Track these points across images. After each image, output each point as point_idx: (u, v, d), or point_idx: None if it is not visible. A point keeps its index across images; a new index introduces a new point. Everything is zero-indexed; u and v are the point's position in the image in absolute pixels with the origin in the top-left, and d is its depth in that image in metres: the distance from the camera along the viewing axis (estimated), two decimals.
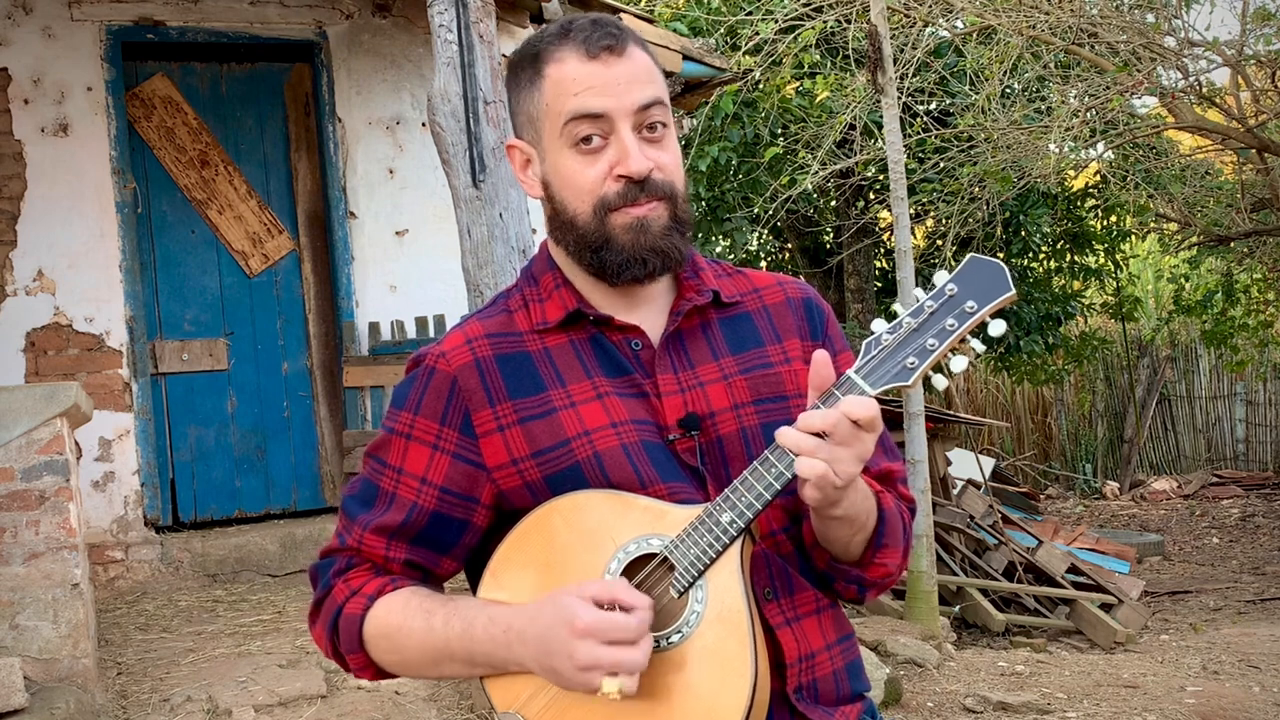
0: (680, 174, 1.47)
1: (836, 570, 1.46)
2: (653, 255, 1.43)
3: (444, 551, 1.47)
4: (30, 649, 3.68)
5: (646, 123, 1.43)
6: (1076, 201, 11.00)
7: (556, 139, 1.44)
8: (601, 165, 1.42)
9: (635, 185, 1.42)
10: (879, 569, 1.46)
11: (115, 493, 5.64)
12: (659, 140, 1.44)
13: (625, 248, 1.43)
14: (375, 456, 1.49)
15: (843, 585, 1.48)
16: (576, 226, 1.45)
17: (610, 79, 1.41)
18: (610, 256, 1.43)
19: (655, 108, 1.43)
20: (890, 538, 1.46)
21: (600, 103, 1.41)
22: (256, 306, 6.20)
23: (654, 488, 1.39)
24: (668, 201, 1.44)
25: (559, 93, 1.43)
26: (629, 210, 1.42)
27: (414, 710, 3.77)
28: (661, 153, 1.44)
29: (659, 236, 1.43)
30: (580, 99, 1.41)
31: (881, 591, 1.51)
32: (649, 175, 1.42)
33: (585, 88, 1.41)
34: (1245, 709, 4.28)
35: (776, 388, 1.48)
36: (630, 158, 1.41)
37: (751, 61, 7.49)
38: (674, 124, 1.50)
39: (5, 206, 5.56)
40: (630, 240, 1.42)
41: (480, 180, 3.81)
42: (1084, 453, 13.14)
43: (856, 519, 1.39)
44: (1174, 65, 7.53)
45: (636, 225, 1.42)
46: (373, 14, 6.27)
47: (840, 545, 1.43)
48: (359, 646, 1.44)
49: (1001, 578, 6.70)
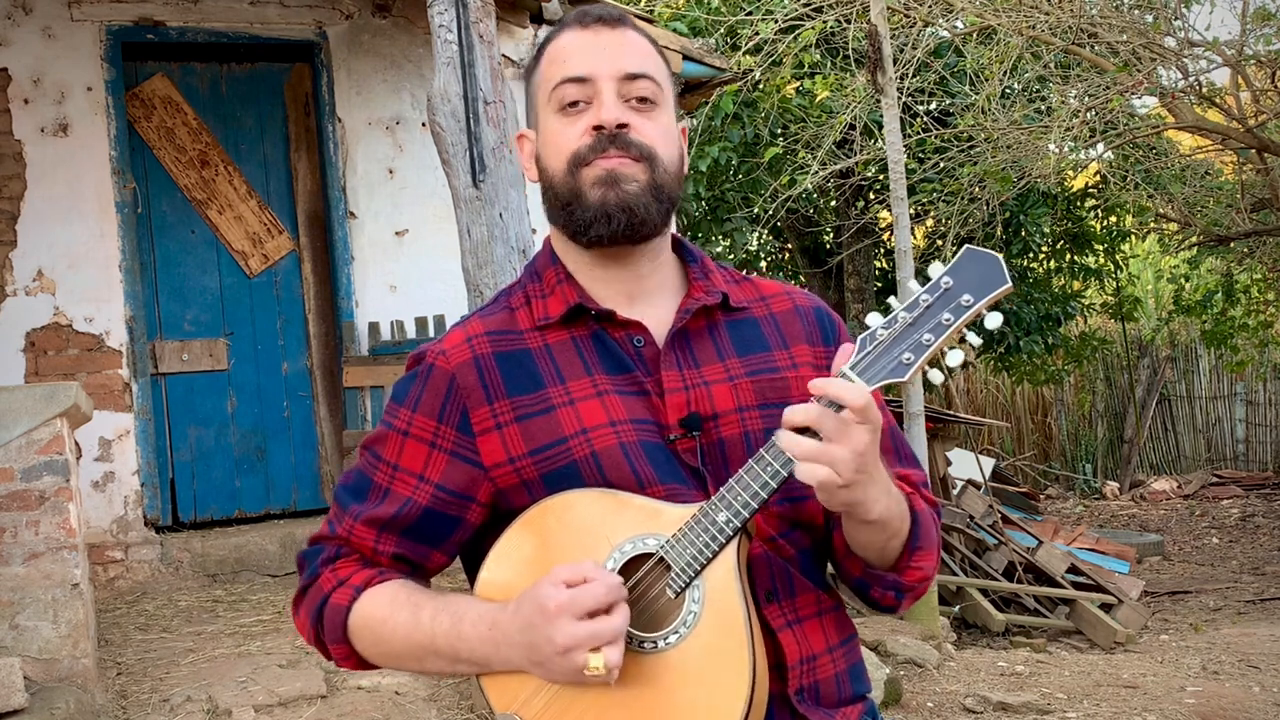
0: (668, 148, 1.44)
1: (873, 577, 1.45)
2: (619, 211, 1.40)
3: (434, 547, 1.47)
4: (30, 649, 3.68)
5: (636, 95, 1.42)
6: (1076, 201, 11.00)
7: (546, 105, 1.45)
8: (581, 124, 1.42)
9: (606, 137, 1.40)
10: (915, 572, 1.44)
11: (115, 493, 5.64)
12: (646, 111, 1.43)
13: (593, 202, 1.41)
14: (371, 450, 1.48)
15: (879, 592, 1.46)
16: (553, 186, 1.45)
17: (598, 45, 1.43)
18: (580, 212, 1.42)
19: (644, 81, 1.43)
20: (925, 540, 1.44)
21: (585, 65, 1.42)
22: (256, 306, 6.20)
23: (652, 488, 1.38)
24: (645, 163, 1.41)
25: (550, 62, 1.45)
26: (599, 162, 1.41)
27: (414, 710, 3.77)
28: (645, 121, 1.42)
29: (630, 194, 1.40)
30: (566, 65, 1.43)
31: (918, 597, 1.48)
32: (621, 131, 1.40)
33: (572, 54, 1.43)
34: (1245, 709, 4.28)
35: (783, 392, 1.46)
36: (603, 108, 1.40)
37: (751, 61, 7.49)
38: (672, 115, 1.47)
39: (5, 206, 5.56)
40: (599, 195, 1.40)
41: (480, 180, 3.81)
42: (1084, 453, 13.14)
43: (890, 523, 1.37)
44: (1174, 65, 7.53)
45: (605, 177, 1.40)
46: (373, 14, 6.27)
47: (875, 551, 1.41)
48: (343, 637, 1.44)
49: (1001, 578, 6.70)
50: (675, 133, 1.47)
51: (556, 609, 1.26)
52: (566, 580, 1.28)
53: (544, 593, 1.28)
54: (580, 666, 1.26)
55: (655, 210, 1.42)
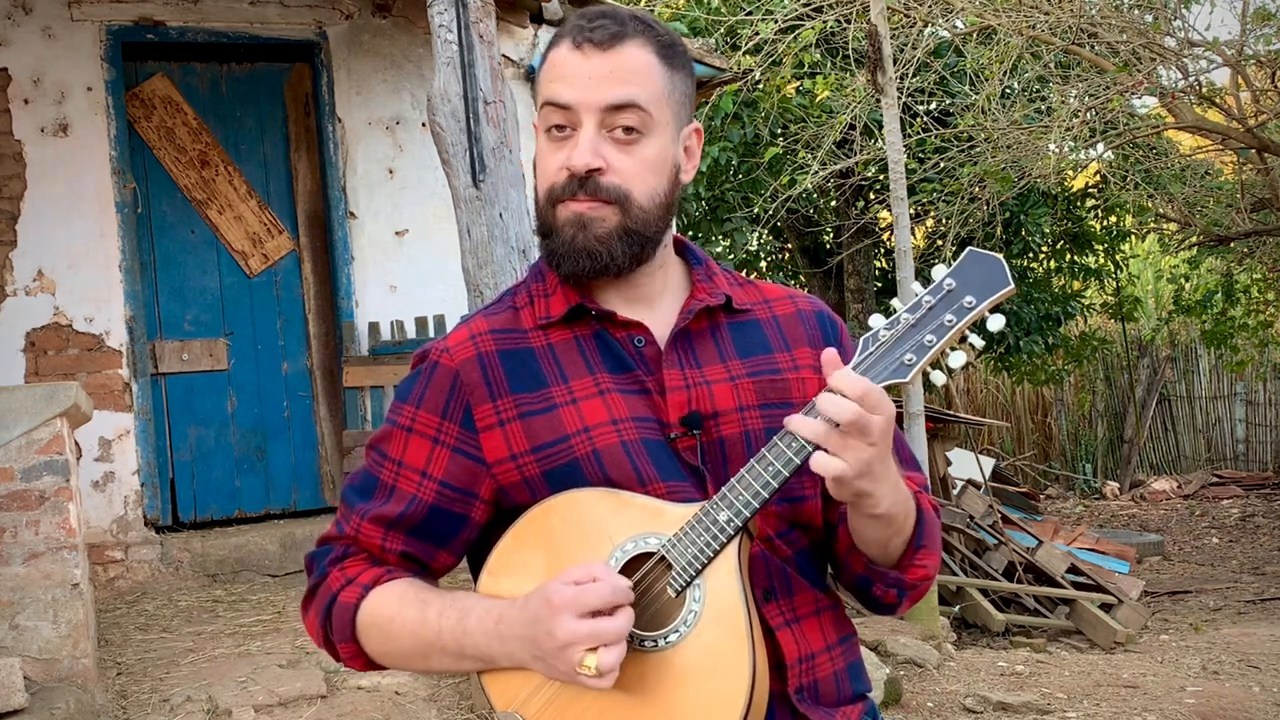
0: (646, 182, 1.42)
1: (875, 573, 1.45)
2: (584, 255, 1.42)
3: (441, 545, 1.47)
4: (30, 649, 3.68)
5: (620, 124, 1.40)
6: (1076, 201, 11.00)
7: (539, 120, 1.46)
8: (561, 155, 1.42)
9: (576, 180, 1.40)
10: (918, 570, 1.44)
11: (115, 493, 5.64)
12: (628, 143, 1.41)
13: (564, 241, 1.42)
14: (377, 448, 1.49)
15: (881, 589, 1.46)
16: (538, 208, 1.46)
17: (584, 72, 1.40)
18: (554, 245, 1.44)
19: (628, 111, 1.40)
20: (929, 539, 1.45)
21: (567, 94, 1.40)
22: (256, 306, 6.20)
23: (653, 486, 1.39)
24: (615, 206, 1.41)
25: (545, 76, 1.45)
26: (570, 204, 1.42)
27: (414, 710, 3.77)
28: (624, 156, 1.41)
29: (595, 239, 1.41)
30: (554, 86, 1.42)
31: (919, 597, 1.49)
32: (592, 174, 1.40)
33: (560, 76, 1.42)
34: (1245, 709, 4.28)
35: (784, 394, 1.47)
36: (575, 151, 1.40)
37: (751, 61, 7.49)
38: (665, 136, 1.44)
39: (5, 206, 5.56)
40: (569, 235, 1.42)
41: (480, 180, 3.81)
42: (1084, 453, 13.14)
43: (896, 519, 1.37)
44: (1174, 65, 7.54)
45: (575, 220, 1.41)
46: (373, 14, 6.27)
47: (879, 547, 1.42)
48: (351, 635, 1.44)
49: (1001, 578, 6.70)
50: (663, 159, 1.44)
51: (561, 604, 1.26)
52: (575, 579, 1.28)
53: (551, 588, 1.28)
54: (576, 664, 1.26)
55: (622, 253, 1.42)
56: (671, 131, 1.45)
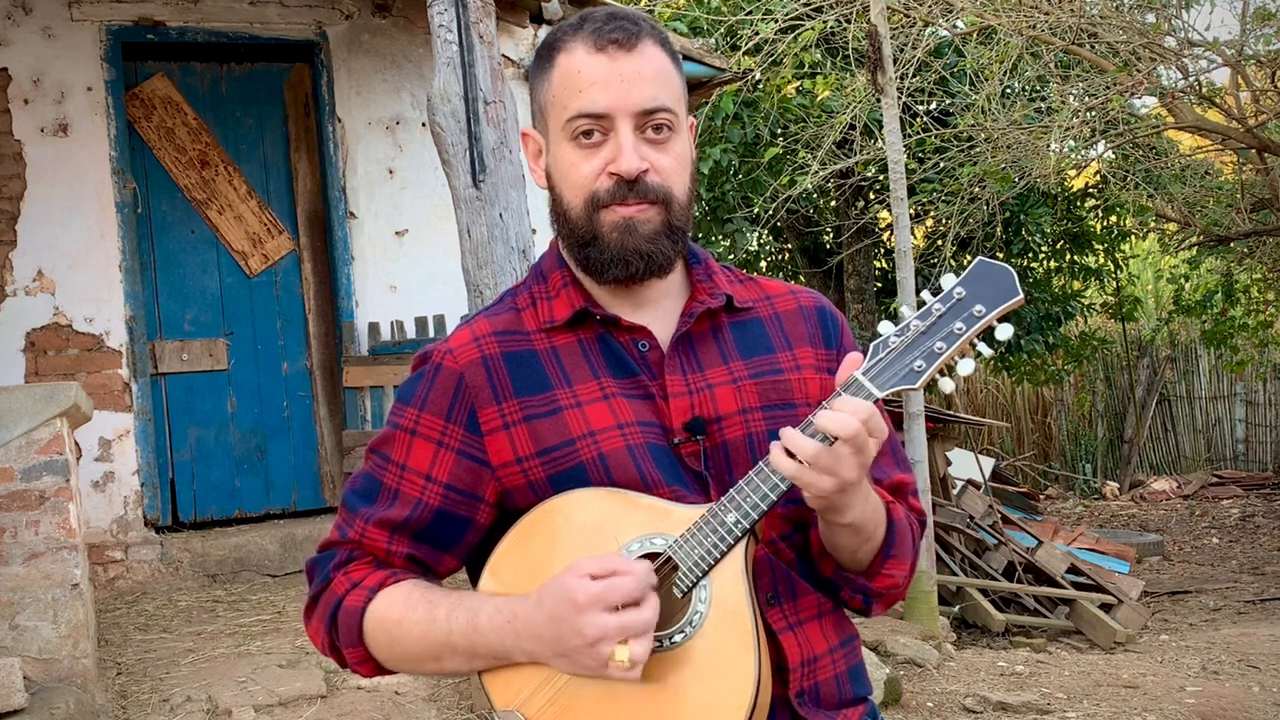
0: (682, 178, 1.44)
1: (843, 579, 1.46)
2: (636, 258, 1.42)
3: (446, 549, 1.47)
4: (30, 649, 3.68)
5: (653, 125, 1.41)
6: (1076, 201, 11.00)
7: (560, 130, 1.43)
8: (597, 161, 1.41)
9: (625, 184, 1.40)
10: (885, 579, 1.45)
11: (115, 493, 5.64)
12: (662, 142, 1.42)
13: (611, 246, 1.42)
14: (378, 451, 1.48)
15: (848, 594, 1.47)
16: (569, 220, 1.44)
17: (614, 75, 1.39)
18: (596, 253, 1.43)
19: (661, 113, 1.41)
20: (899, 549, 1.45)
21: (602, 100, 1.39)
22: (256, 306, 6.20)
23: (658, 490, 1.39)
24: (661, 206, 1.42)
25: (565, 84, 1.42)
26: (617, 209, 1.41)
27: (414, 710, 3.77)
28: (662, 155, 1.41)
29: (645, 240, 1.41)
30: (583, 95, 1.40)
31: (889, 604, 1.49)
32: (640, 177, 1.40)
33: (589, 83, 1.40)
34: (1245, 709, 4.28)
35: (785, 394, 1.47)
36: (623, 156, 1.39)
37: (751, 61, 7.49)
38: (687, 126, 1.46)
39: (5, 206, 5.56)
40: (617, 240, 1.41)
41: (480, 180, 3.81)
42: (1084, 453, 13.14)
43: (865, 528, 1.38)
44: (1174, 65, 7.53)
45: (624, 225, 1.41)
46: (373, 14, 6.27)
47: (848, 554, 1.42)
48: (358, 640, 1.42)
49: (1001, 578, 6.70)
50: (688, 153, 1.46)
51: (586, 601, 1.26)
52: (592, 572, 1.27)
53: (571, 585, 1.27)
54: (606, 658, 1.26)
55: (670, 249, 1.44)
56: (686, 130, 1.47)
